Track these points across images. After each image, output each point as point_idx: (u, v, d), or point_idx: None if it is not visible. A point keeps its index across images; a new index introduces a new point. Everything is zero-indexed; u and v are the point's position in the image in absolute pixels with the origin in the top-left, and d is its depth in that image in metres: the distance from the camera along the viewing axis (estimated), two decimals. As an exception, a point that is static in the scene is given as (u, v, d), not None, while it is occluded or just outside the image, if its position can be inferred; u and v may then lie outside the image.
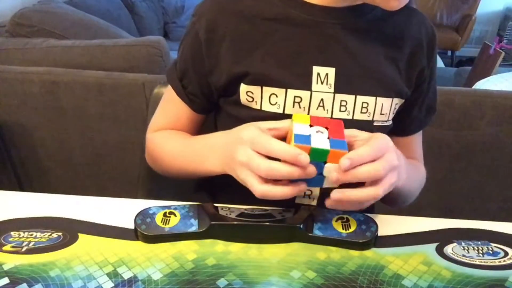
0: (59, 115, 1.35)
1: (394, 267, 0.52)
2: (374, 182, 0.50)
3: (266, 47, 0.61)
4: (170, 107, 0.71)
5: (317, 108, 0.62)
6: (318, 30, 0.61)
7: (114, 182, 1.46)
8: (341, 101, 0.62)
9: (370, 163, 0.49)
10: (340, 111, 0.62)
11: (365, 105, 0.63)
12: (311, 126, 0.52)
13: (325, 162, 0.50)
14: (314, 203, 0.66)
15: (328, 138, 0.51)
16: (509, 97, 1.21)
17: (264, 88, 0.61)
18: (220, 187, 0.73)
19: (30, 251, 0.52)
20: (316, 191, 0.65)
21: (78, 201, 0.63)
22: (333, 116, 0.63)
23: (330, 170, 0.50)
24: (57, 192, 0.64)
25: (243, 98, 0.63)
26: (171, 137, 0.69)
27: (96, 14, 1.89)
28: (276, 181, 0.50)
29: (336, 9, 0.62)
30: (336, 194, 0.50)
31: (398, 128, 0.69)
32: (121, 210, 0.60)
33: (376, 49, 0.63)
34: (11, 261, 0.50)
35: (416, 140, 0.75)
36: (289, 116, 0.61)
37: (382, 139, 0.52)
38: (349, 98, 0.62)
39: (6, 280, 0.47)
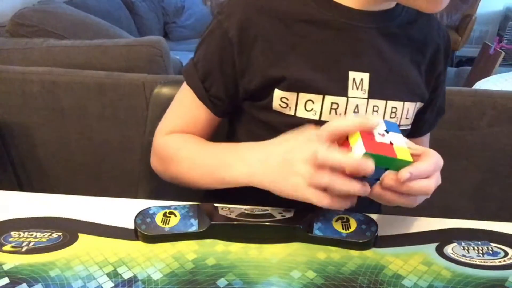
0: (59, 115, 1.35)
1: (394, 267, 0.52)
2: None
3: (301, 50, 0.59)
4: (186, 109, 0.67)
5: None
6: (353, 34, 0.60)
7: (114, 182, 1.46)
8: (374, 106, 0.61)
9: (425, 179, 0.48)
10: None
11: (394, 110, 0.62)
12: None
13: (387, 169, 0.48)
14: None
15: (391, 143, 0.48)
16: (509, 97, 1.21)
17: (301, 94, 0.59)
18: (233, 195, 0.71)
19: (30, 251, 0.52)
20: None
21: (78, 201, 0.63)
22: None
23: (388, 177, 0.48)
24: (57, 192, 0.64)
25: (276, 104, 0.60)
26: (188, 142, 0.65)
27: (96, 14, 1.89)
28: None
29: (370, 13, 0.60)
30: (404, 173, 0.47)
31: (411, 130, 0.69)
32: (121, 210, 0.60)
33: (404, 53, 0.63)
34: (11, 261, 0.50)
35: (425, 141, 0.76)
36: (324, 123, 0.58)
37: (437, 157, 0.51)
38: (381, 103, 0.61)
39: (6, 280, 0.47)
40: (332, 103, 0.59)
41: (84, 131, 1.38)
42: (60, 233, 0.55)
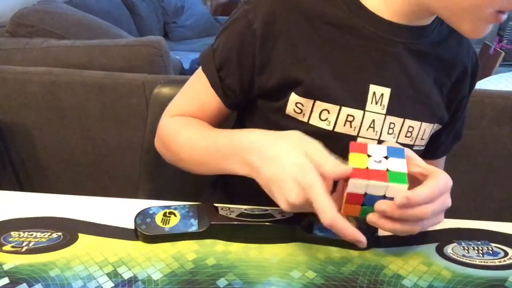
0: (59, 115, 1.35)
1: (394, 267, 0.52)
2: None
3: (324, 55, 0.57)
4: (197, 95, 0.64)
5: (367, 129, 0.59)
6: (380, 46, 0.57)
7: (114, 182, 1.46)
8: (390, 123, 0.59)
9: (423, 205, 0.46)
10: (388, 133, 0.60)
11: (410, 129, 0.61)
12: (368, 156, 0.48)
13: (384, 196, 0.47)
14: None
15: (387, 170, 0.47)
16: (509, 97, 1.21)
17: (317, 102, 0.57)
18: (237, 190, 0.70)
19: (30, 251, 0.52)
20: None
21: (78, 201, 0.63)
22: (381, 138, 0.60)
23: (381, 202, 0.47)
24: (57, 192, 0.64)
25: (290, 108, 0.59)
26: (191, 125, 0.62)
27: (96, 14, 1.89)
28: None
29: (402, 26, 0.58)
30: (402, 200, 0.45)
31: (425, 151, 0.67)
32: (121, 210, 0.60)
33: (429, 72, 0.61)
34: (11, 261, 0.50)
35: (440, 164, 0.74)
36: (338, 134, 0.59)
37: (444, 179, 0.48)
38: (398, 121, 0.60)
39: (6, 280, 0.47)
40: (348, 115, 0.57)
41: (84, 131, 1.38)
42: (60, 233, 0.55)
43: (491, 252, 0.55)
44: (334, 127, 0.58)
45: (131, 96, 1.29)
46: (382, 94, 0.58)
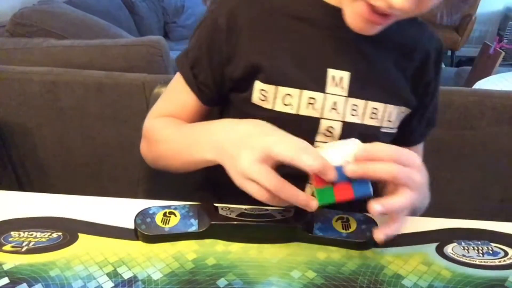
0: (59, 115, 1.35)
1: (394, 267, 0.52)
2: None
3: (283, 44, 0.61)
4: (176, 96, 0.69)
5: (330, 111, 0.62)
6: (336, 34, 0.61)
7: (114, 182, 1.46)
8: (353, 105, 0.62)
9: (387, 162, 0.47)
10: (351, 115, 0.63)
11: (374, 111, 0.63)
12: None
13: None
14: None
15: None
16: (509, 97, 1.21)
17: (279, 88, 0.61)
18: (225, 187, 0.72)
19: (30, 251, 0.52)
20: None
21: (78, 201, 0.63)
22: (345, 120, 0.63)
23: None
24: (57, 192, 0.64)
25: (256, 96, 0.62)
26: (169, 123, 0.67)
27: (96, 14, 1.89)
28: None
29: None
30: (376, 208, 0.46)
31: (399, 138, 0.69)
32: (121, 210, 0.60)
33: (389, 57, 0.64)
34: (11, 261, 0.50)
35: (418, 152, 0.75)
36: (302, 117, 0.61)
37: (407, 150, 0.50)
38: (361, 102, 0.62)
39: (6, 280, 0.47)
40: (310, 97, 0.61)
41: (84, 131, 1.38)
42: (60, 233, 0.55)
43: (491, 252, 0.55)
44: (297, 110, 0.61)
45: (131, 96, 1.29)
46: (341, 78, 0.61)
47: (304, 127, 0.62)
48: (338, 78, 0.61)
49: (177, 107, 0.69)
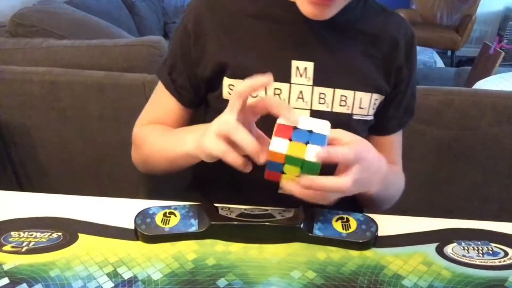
0: (59, 115, 1.35)
1: (394, 267, 0.52)
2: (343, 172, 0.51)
3: (247, 42, 0.65)
4: (159, 102, 0.73)
5: (296, 100, 0.65)
6: (297, 27, 0.64)
7: (114, 182, 1.46)
8: (320, 93, 0.65)
9: (342, 179, 0.50)
10: (319, 103, 0.65)
11: (343, 98, 0.65)
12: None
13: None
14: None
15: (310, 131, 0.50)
16: (509, 97, 1.21)
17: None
18: (213, 186, 0.74)
19: (30, 251, 0.52)
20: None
21: (78, 201, 0.63)
22: (313, 108, 0.65)
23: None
24: (57, 192, 0.64)
25: (226, 92, 0.66)
26: (156, 128, 0.71)
27: (96, 14, 1.89)
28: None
29: None
30: (305, 180, 0.49)
31: (376, 127, 0.72)
32: (121, 210, 0.60)
33: (354, 46, 0.67)
34: (11, 261, 0.50)
35: (395, 142, 0.76)
36: None
37: (362, 143, 0.53)
38: (328, 91, 0.65)
39: (6, 280, 0.47)
40: (276, 88, 0.64)
41: (84, 131, 1.37)
42: (60, 233, 0.55)
43: (491, 252, 0.55)
44: None
45: (131, 96, 1.29)
46: (306, 68, 0.64)
47: (274, 118, 0.63)
48: (303, 69, 0.64)
49: (161, 113, 0.73)
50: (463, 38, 3.82)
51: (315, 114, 0.66)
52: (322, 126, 0.51)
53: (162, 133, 0.69)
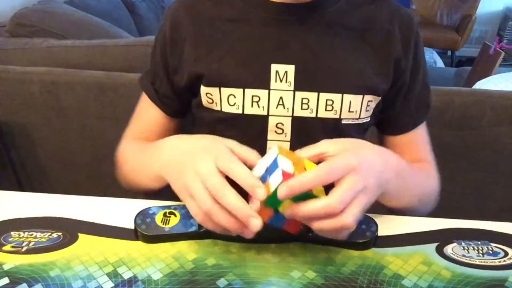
0: (59, 115, 1.35)
1: (394, 267, 0.52)
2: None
3: (225, 47, 0.62)
4: (144, 114, 0.71)
5: (276, 107, 0.61)
6: (276, 29, 0.61)
7: (114, 182, 1.46)
8: (302, 98, 0.61)
9: (322, 199, 0.44)
10: (301, 109, 0.61)
11: (329, 102, 0.61)
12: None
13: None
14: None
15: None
16: (509, 97, 1.21)
17: (222, 89, 0.61)
18: None
19: (30, 251, 0.52)
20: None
21: (78, 201, 0.63)
22: (295, 115, 0.61)
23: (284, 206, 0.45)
24: (57, 192, 0.64)
25: (204, 100, 0.64)
26: (134, 144, 0.68)
27: (96, 14, 1.88)
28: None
29: (294, 5, 0.60)
30: (287, 212, 0.45)
31: (387, 126, 0.68)
32: (121, 210, 0.60)
33: (341, 44, 0.61)
34: (11, 261, 0.50)
35: (416, 140, 0.70)
36: (248, 116, 0.62)
37: (341, 160, 0.47)
38: (311, 95, 0.60)
39: (6, 280, 0.47)
40: (253, 96, 0.60)
41: (84, 131, 1.37)
42: (60, 233, 0.55)
43: (491, 252, 0.55)
44: (243, 110, 0.61)
45: (131, 96, 1.29)
46: (286, 72, 0.60)
47: (253, 126, 0.62)
48: (283, 73, 0.60)
49: (146, 125, 0.71)
50: (463, 38, 3.82)
51: (297, 120, 0.62)
52: (271, 154, 0.47)
53: (137, 151, 0.65)
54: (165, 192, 0.73)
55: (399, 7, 0.65)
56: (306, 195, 0.44)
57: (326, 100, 0.61)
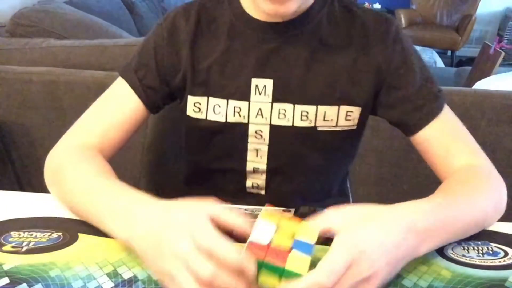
0: (59, 115, 1.34)
1: (394, 267, 0.52)
2: None
3: (214, 57, 0.66)
4: (111, 105, 0.69)
5: (256, 117, 0.66)
6: (259, 45, 0.65)
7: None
8: (280, 109, 0.66)
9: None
10: (279, 118, 0.66)
11: (304, 113, 0.66)
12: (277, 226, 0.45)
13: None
14: (263, 192, 0.73)
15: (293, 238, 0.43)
16: (509, 97, 1.21)
17: (210, 98, 0.67)
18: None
19: (30, 251, 0.52)
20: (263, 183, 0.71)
21: (78, 201, 0.63)
22: (272, 123, 0.66)
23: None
24: (57, 192, 0.64)
25: (190, 109, 0.68)
26: (90, 166, 0.59)
27: (96, 14, 1.89)
28: None
29: (276, 24, 0.64)
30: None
31: (403, 128, 0.67)
32: (121, 210, 0.60)
33: (317, 58, 0.65)
34: (11, 261, 0.50)
35: (439, 132, 0.65)
36: (230, 124, 0.66)
37: (342, 251, 0.41)
38: (288, 106, 0.66)
39: (6, 280, 0.47)
40: (235, 106, 0.66)
41: (84, 131, 1.37)
42: (60, 233, 0.55)
43: (491, 252, 0.55)
44: (226, 118, 0.67)
45: (131, 96, 1.29)
46: (265, 86, 0.65)
47: (235, 132, 0.68)
48: (262, 86, 0.65)
49: (112, 119, 0.66)
50: (463, 38, 3.82)
51: (274, 128, 0.67)
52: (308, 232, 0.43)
53: (93, 184, 0.56)
54: (165, 191, 0.74)
55: (377, 14, 0.67)
56: (276, 269, 0.41)
57: (302, 111, 0.65)
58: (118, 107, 0.68)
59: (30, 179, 1.50)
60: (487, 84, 1.54)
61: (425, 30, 3.94)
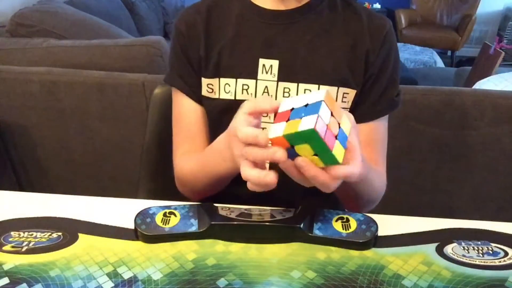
0: (59, 115, 1.35)
1: (394, 267, 0.52)
2: None
3: (225, 41, 0.71)
4: (181, 113, 0.75)
5: (262, 94, 0.70)
6: (266, 30, 0.71)
7: (114, 182, 1.46)
8: (284, 88, 0.70)
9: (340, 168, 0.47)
10: (283, 96, 0.70)
11: (307, 92, 0.69)
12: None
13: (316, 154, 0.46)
14: None
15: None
16: (509, 97, 1.21)
17: (221, 79, 0.71)
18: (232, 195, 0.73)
19: (30, 251, 0.52)
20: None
21: (78, 201, 0.63)
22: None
23: (300, 159, 0.47)
24: (57, 192, 0.64)
25: (204, 90, 0.72)
26: (190, 157, 0.73)
27: (96, 14, 1.89)
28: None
29: (281, 12, 0.70)
30: (333, 172, 0.48)
31: (351, 112, 0.70)
32: (121, 210, 0.60)
33: (319, 42, 0.71)
34: (11, 261, 0.50)
35: (373, 134, 0.73)
36: (239, 101, 0.65)
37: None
38: (292, 85, 0.70)
39: (6, 280, 0.47)
40: (243, 84, 0.70)
41: (84, 131, 1.38)
42: (60, 233, 0.55)
43: (491, 252, 0.55)
44: (235, 96, 0.71)
45: (131, 96, 1.29)
46: (271, 65, 0.70)
47: None
48: (268, 66, 0.70)
49: (188, 122, 0.75)
50: (463, 38, 3.83)
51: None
52: (317, 96, 0.48)
53: (195, 162, 0.70)
54: (165, 192, 0.74)
55: (374, 13, 0.74)
56: (323, 149, 0.45)
57: (305, 89, 0.70)
58: (186, 119, 0.75)
59: (30, 179, 1.50)
60: (487, 84, 1.54)
61: (425, 30, 3.94)
